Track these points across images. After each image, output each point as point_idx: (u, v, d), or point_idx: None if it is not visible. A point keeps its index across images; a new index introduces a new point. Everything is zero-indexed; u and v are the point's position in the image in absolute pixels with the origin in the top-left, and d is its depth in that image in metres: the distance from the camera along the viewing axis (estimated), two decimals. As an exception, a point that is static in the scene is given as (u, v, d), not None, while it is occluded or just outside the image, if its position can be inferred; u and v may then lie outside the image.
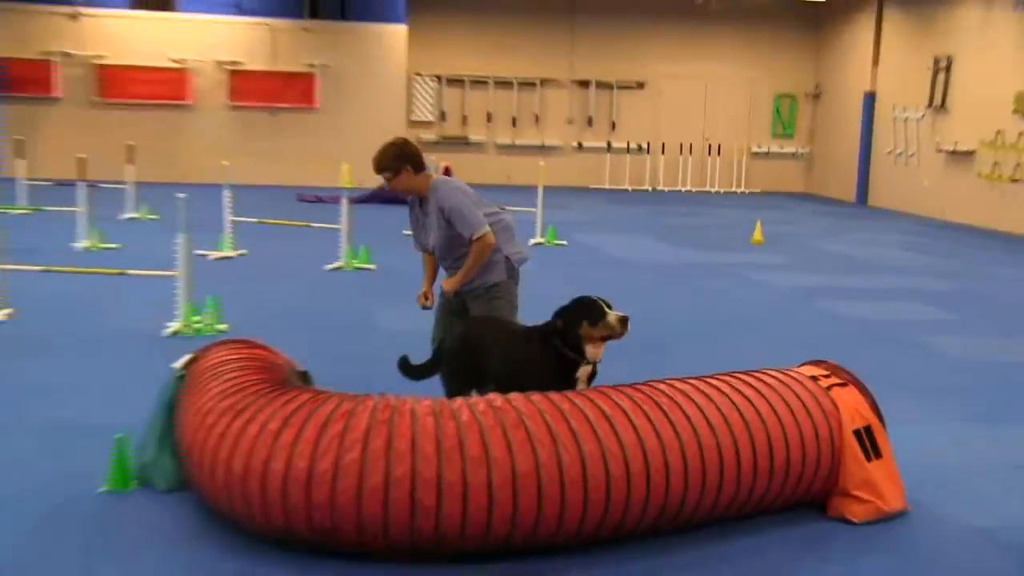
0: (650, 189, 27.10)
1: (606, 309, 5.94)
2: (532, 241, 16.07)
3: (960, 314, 11.96)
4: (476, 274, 7.00)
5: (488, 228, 6.90)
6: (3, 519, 5.39)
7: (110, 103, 23.94)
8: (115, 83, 24.03)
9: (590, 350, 5.96)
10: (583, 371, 5.99)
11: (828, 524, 5.68)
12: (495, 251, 7.01)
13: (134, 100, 23.97)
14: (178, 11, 24.35)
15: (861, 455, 5.69)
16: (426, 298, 7.31)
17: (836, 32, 26.97)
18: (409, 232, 7.51)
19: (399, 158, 6.97)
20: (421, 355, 6.88)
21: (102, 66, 23.96)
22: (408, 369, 6.84)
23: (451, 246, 7.04)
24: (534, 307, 7.25)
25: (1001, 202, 20.55)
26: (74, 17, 23.93)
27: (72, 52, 23.88)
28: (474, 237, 6.87)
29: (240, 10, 24.62)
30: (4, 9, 23.15)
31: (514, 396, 5.13)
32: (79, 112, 23.89)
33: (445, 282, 7.18)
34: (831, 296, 12.70)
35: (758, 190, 27.52)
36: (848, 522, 5.66)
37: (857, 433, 5.71)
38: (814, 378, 5.88)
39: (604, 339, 5.97)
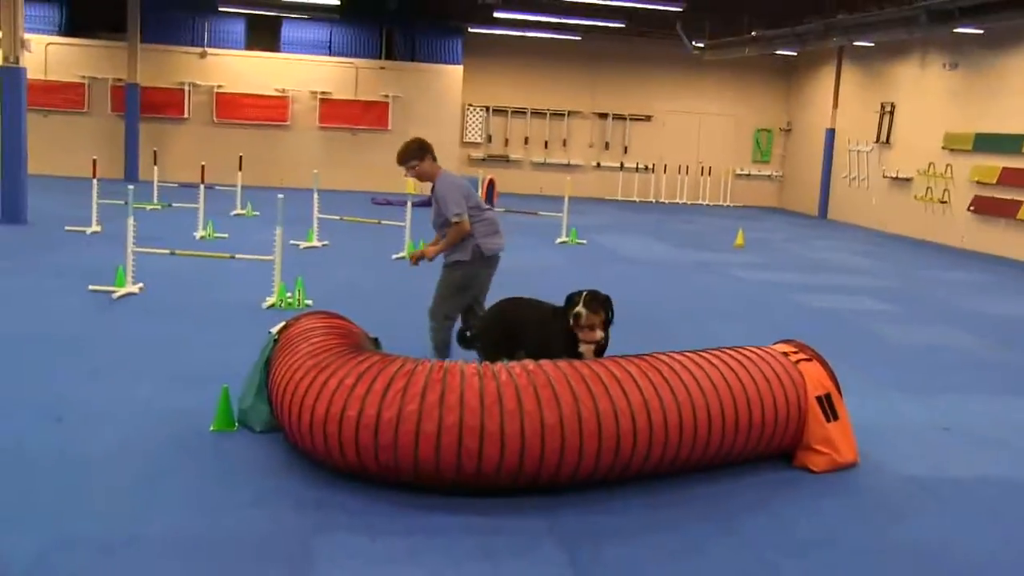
0: (654, 201, 26.87)
1: (577, 303, 5.75)
2: (558, 240, 15.96)
3: (899, 306, 11.76)
4: (450, 249, 7.05)
5: (465, 217, 6.93)
6: (135, 448, 5.38)
7: (226, 122, 23.96)
8: (230, 107, 24.03)
9: (579, 333, 5.80)
10: (585, 348, 5.79)
11: (793, 472, 5.59)
12: (470, 236, 7.01)
13: (245, 120, 23.97)
14: (282, 51, 24.32)
15: (822, 417, 5.58)
16: (413, 259, 7.38)
17: (804, 80, 26.64)
18: None
19: (422, 149, 7.14)
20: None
21: (221, 93, 23.96)
22: (464, 340, 6.82)
23: (440, 223, 7.13)
24: (559, 291, 7.15)
25: (932, 219, 20.28)
26: (202, 56, 23.94)
27: (199, 83, 23.91)
28: (452, 220, 6.92)
29: (331, 52, 24.57)
30: (150, 49, 23.15)
31: (544, 362, 5.04)
32: (202, 129, 23.91)
33: (427, 247, 7.29)
34: (798, 289, 12.53)
35: (740, 204, 27.24)
36: (809, 471, 5.56)
37: (819, 399, 5.60)
38: (785, 354, 5.77)
39: (578, 327, 5.78)
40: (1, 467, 4.98)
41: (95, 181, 13.79)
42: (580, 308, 5.74)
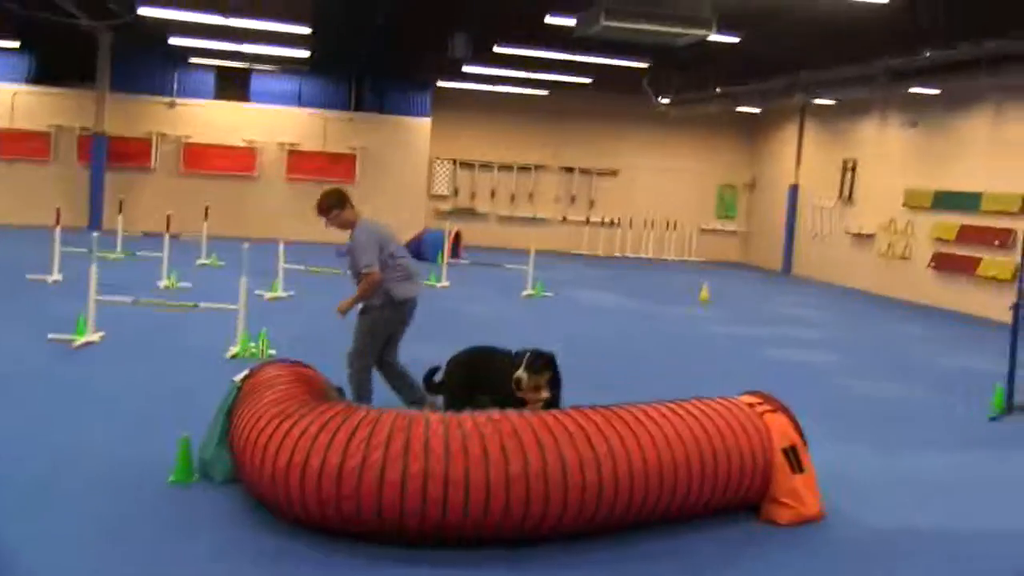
0: (619, 255, 27.05)
1: (519, 366, 5.81)
2: (524, 293, 15.97)
3: (859, 360, 11.86)
4: (364, 298, 7.11)
5: (376, 267, 6.98)
6: (92, 499, 5.28)
7: (193, 173, 23.89)
8: (198, 157, 23.98)
9: (523, 396, 5.85)
10: (532, 407, 5.76)
11: (761, 526, 5.57)
12: (382, 283, 7.06)
13: (212, 171, 23.92)
14: (251, 102, 24.40)
15: (788, 469, 5.58)
16: (342, 311, 7.35)
17: (767, 138, 27.09)
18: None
19: (341, 199, 7.26)
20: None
21: (189, 144, 23.94)
22: (431, 385, 6.84)
23: (355, 270, 7.20)
24: (523, 342, 7.14)
25: (894, 274, 20.56)
26: (171, 105, 23.94)
27: (167, 133, 23.88)
28: (362, 270, 7.01)
29: (300, 103, 24.68)
30: (119, 99, 23.09)
31: (509, 412, 5.01)
32: (169, 180, 23.81)
33: (340, 303, 7.31)
34: (761, 342, 12.60)
35: (705, 259, 27.47)
36: (775, 524, 5.55)
37: (785, 451, 5.60)
38: (751, 405, 5.78)
39: (520, 391, 5.83)
40: (-48, 518, 4.86)
41: (57, 230, 13.67)
42: (521, 372, 5.75)
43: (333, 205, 7.21)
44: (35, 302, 11.82)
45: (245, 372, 5.88)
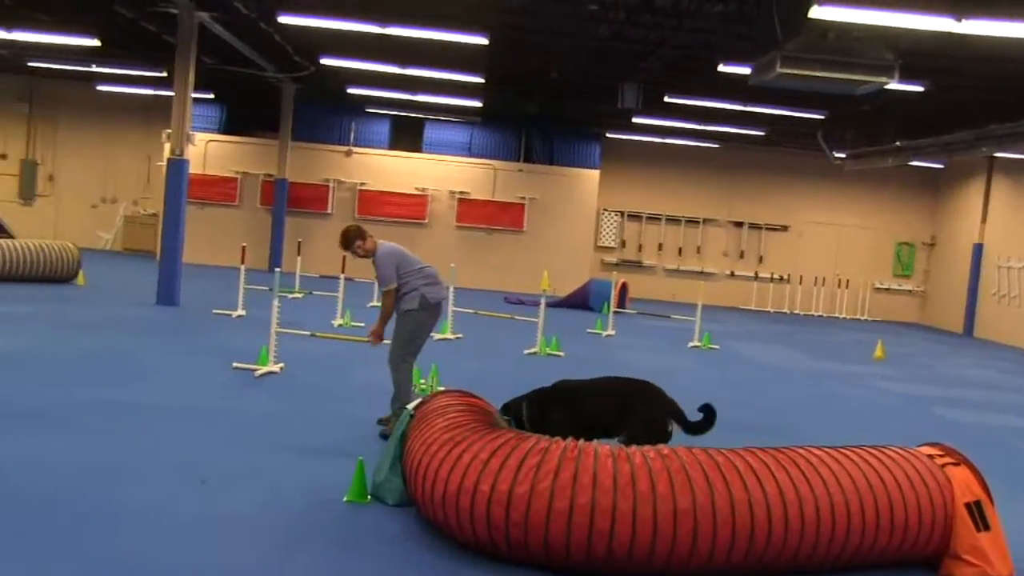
0: (788, 312, 26.48)
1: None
2: (690, 344, 15.84)
3: (1055, 427, 11.23)
4: (389, 314, 7.88)
5: (393, 286, 7.72)
6: (269, 516, 5.54)
7: (368, 218, 24.78)
8: (372, 203, 24.95)
9: None
10: None
11: (939, 582, 5.35)
12: (413, 290, 7.75)
13: (386, 217, 24.76)
14: (424, 152, 25.24)
15: (971, 525, 5.34)
16: (375, 340, 8.07)
17: (951, 193, 26.08)
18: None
19: (360, 231, 8.03)
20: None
21: (364, 190, 24.94)
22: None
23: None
24: (688, 391, 7.11)
25: (1093, 340, 19.35)
26: (348, 154, 25.08)
27: (343, 180, 24.97)
28: (381, 289, 7.82)
29: (471, 153, 25.36)
30: (299, 147, 24.42)
31: (679, 448, 5.02)
32: (344, 224, 24.72)
33: (372, 330, 8.07)
34: (940, 404, 12.10)
35: (879, 318, 26.57)
36: (957, 582, 5.32)
37: (968, 506, 5.38)
38: (931, 456, 5.59)
39: None
40: (141, 529, 5.19)
41: (242, 268, 14.47)
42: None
43: (356, 237, 7.94)
44: (221, 334, 12.53)
45: (418, 400, 6.10)
